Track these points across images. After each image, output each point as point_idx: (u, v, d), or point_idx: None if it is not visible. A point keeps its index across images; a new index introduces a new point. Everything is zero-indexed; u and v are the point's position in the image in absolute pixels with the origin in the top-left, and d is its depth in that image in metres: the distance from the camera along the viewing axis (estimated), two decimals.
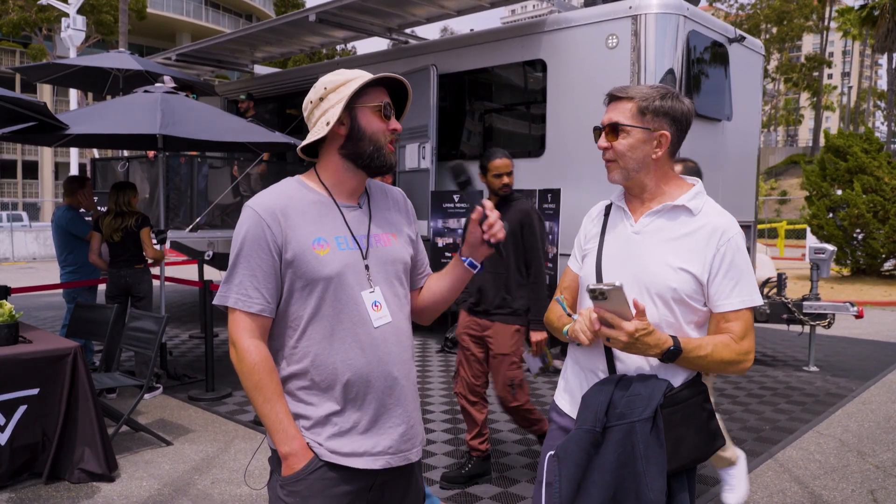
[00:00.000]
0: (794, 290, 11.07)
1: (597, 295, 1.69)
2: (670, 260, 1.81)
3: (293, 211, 1.70)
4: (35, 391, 3.84)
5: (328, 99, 1.72)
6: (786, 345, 8.29)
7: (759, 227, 24.53)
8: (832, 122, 73.98)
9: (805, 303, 6.87)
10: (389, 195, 1.92)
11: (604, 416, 1.73)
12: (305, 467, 1.66)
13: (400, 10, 7.95)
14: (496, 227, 1.73)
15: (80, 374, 3.97)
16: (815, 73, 54.85)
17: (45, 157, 43.35)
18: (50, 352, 3.91)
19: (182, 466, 4.23)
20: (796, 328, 7.37)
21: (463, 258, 1.81)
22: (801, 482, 4.11)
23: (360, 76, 1.73)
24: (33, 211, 33.95)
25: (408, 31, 8.98)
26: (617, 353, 1.83)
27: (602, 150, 1.92)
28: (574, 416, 1.90)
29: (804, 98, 66.40)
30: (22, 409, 3.78)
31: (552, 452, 1.81)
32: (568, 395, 1.99)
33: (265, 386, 1.66)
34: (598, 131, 1.95)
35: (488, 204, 1.75)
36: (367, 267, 1.74)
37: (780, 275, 7.24)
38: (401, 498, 1.82)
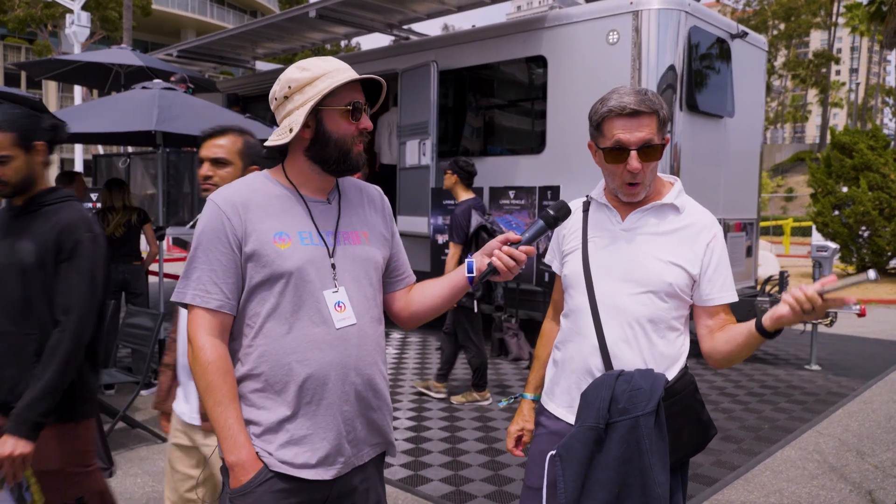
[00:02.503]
0: None
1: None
2: (663, 256, 1.82)
3: (255, 204, 1.62)
4: None
5: (293, 99, 1.62)
6: (787, 343, 8.23)
7: (765, 223, 24.43)
8: (840, 119, 73.56)
9: None
10: (364, 192, 1.82)
11: (606, 413, 1.70)
12: (254, 479, 1.55)
13: (400, 5, 7.91)
14: (509, 262, 1.62)
15: None
16: (823, 70, 54.55)
17: None
18: None
19: None
20: (798, 326, 7.31)
21: (469, 258, 1.72)
22: (799, 482, 4.08)
23: (326, 74, 1.61)
24: None
25: (408, 27, 8.95)
26: (613, 350, 1.82)
27: (632, 173, 1.76)
28: (566, 419, 1.90)
29: (812, 95, 66.09)
30: None
31: (553, 452, 1.78)
32: (558, 399, 1.96)
33: (217, 388, 1.55)
34: (619, 151, 1.76)
35: (527, 250, 1.65)
36: (333, 266, 1.64)
37: (781, 272, 7.20)
38: None
